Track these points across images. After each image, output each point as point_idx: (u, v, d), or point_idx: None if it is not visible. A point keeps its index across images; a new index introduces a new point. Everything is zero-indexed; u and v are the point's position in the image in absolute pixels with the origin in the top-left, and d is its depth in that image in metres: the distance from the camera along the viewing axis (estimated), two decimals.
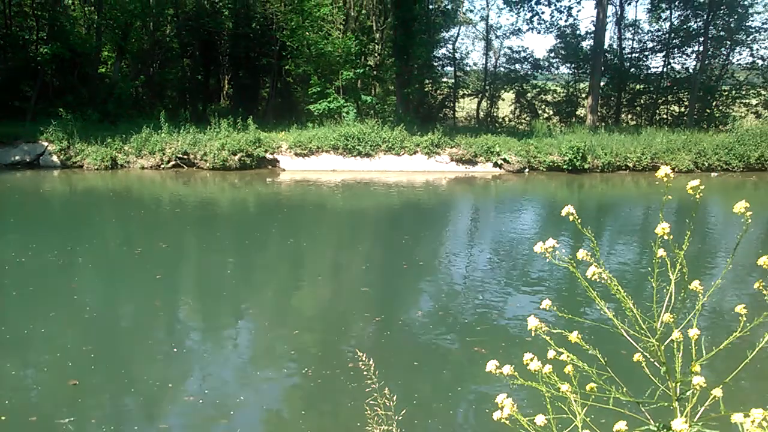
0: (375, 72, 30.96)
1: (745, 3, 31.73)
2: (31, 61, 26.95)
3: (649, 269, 1.81)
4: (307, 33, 27.90)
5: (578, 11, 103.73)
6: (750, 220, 1.80)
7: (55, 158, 21.83)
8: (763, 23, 33.27)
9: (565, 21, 34.42)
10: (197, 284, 11.05)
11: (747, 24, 32.05)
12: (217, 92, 33.18)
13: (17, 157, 21.81)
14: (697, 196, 1.81)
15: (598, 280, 1.95)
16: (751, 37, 32.40)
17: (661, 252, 1.92)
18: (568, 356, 2.04)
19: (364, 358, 4.74)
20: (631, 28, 34.88)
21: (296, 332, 8.69)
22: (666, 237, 1.85)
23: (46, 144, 22.01)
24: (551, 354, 2.03)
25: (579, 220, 2.05)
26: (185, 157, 22.43)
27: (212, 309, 9.74)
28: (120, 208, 17.07)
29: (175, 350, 7.95)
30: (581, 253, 2.02)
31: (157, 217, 16.40)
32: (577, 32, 34.60)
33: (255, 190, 20.27)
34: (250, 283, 11.08)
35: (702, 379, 1.78)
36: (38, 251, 12.03)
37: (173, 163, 22.31)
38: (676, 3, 32.95)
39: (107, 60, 30.71)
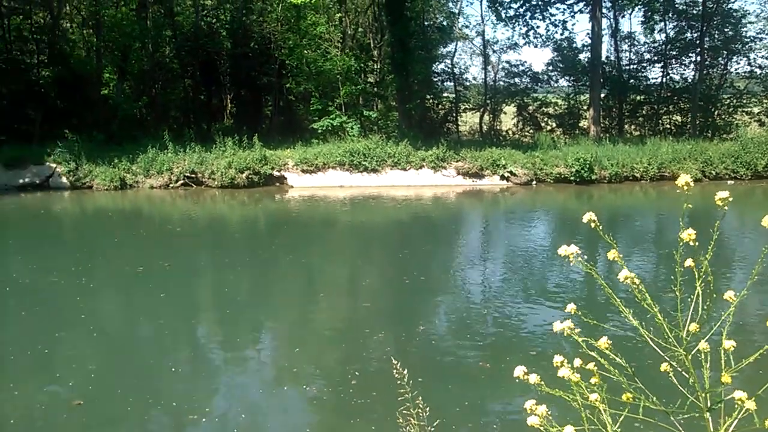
0: (375, 89, 31.09)
1: (738, 14, 32.11)
2: (34, 85, 26.98)
3: (672, 277, 1.83)
4: (305, 51, 28.05)
5: (573, 25, 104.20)
6: None
7: (64, 179, 21.81)
8: (757, 33, 33.66)
9: (561, 35, 34.56)
10: (201, 303, 11.01)
11: (742, 34, 32.38)
12: (220, 111, 33.19)
13: (27, 179, 21.81)
14: (725, 207, 1.81)
15: (629, 284, 1.91)
16: (747, 46, 32.73)
17: (689, 262, 1.89)
18: (597, 363, 2.02)
19: (398, 368, 4.66)
20: (627, 40, 35.15)
21: (297, 350, 8.71)
22: (692, 243, 1.83)
23: (54, 166, 22.00)
24: (577, 362, 2.00)
25: (600, 227, 2.03)
26: (193, 175, 22.41)
27: (216, 327, 9.74)
28: (128, 228, 17.09)
29: (173, 369, 7.90)
30: (612, 254, 2.00)
31: (165, 235, 16.35)
32: (574, 45, 34.87)
33: (263, 207, 20.28)
34: (254, 301, 11.03)
35: (744, 393, 1.76)
36: (45, 271, 12.09)
37: (182, 182, 22.29)
38: (670, 15, 33.27)
39: (109, 82, 30.70)
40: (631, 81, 34.14)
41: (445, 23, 35.02)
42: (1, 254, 13.81)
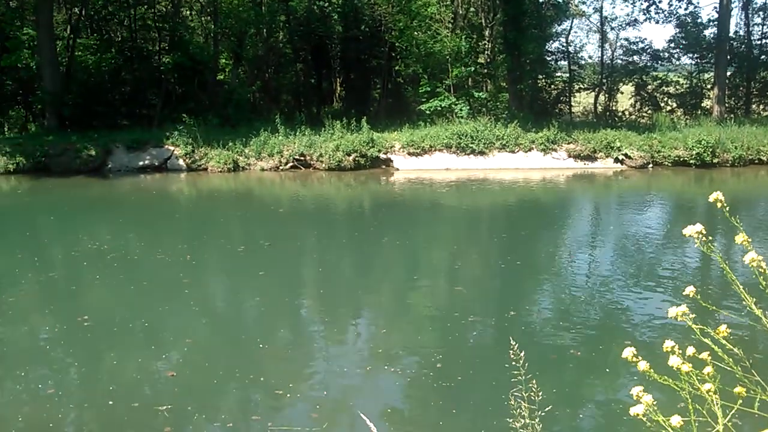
0: (486, 69, 30.52)
1: None
2: (155, 71, 28.31)
3: None
4: (415, 33, 27.86)
5: None
6: None
7: (181, 162, 22.81)
8: None
9: (685, 9, 32.61)
10: (296, 282, 11.12)
11: None
12: (329, 95, 33.67)
13: (146, 161, 22.96)
14: None
15: (755, 268, 1.83)
16: None
17: None
18: (711, 353, 1.93)
19: (516, 349, 4.50)
20: (760, 13, 32.70)
21: (384, 331, 8.74)
22: None
23: (172, 148, 23.04)
24: (690, 351, 1.91)
25: (727, 208, 1.98)
26: (302, 158, 22.86)
27: (309, 306, 9.89)
28: (235, 208, 17.83)
29: (262, 345, 8.04)
30: (740, 238, 1.92)
31: (270, 216, 16.80)
32: (699, 20, 32.70)
33: (367, 189, 20.41)
34: (347, 282, 11.11)
35: None
36: (153, 248, 12.80)
37: (291, 164, 22.80)
38: None
39: (225, 67, 31.76)
40: (763, 57, 31.76)
41: (561, 0, 33.86)
42: (114, 232, 14.57)
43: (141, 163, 22.93)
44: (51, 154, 22.50)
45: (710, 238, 1.95)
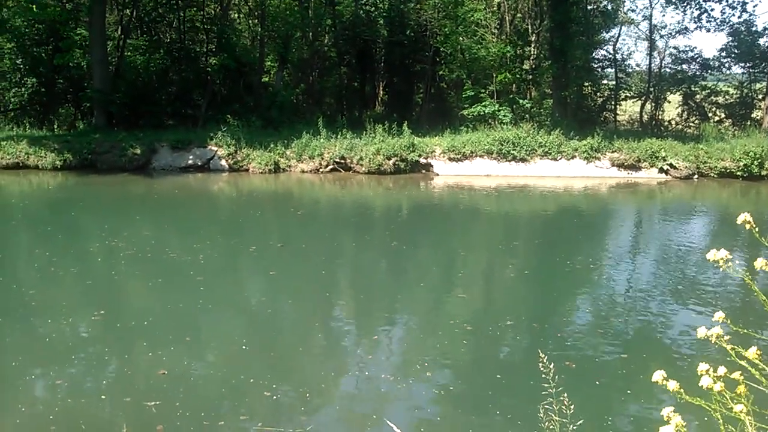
0: (530, 75, 30.26)
1: None
2: (202, 72, 28.74)
3: None
4: (460, 38, 27.78)
5: (754, 6, 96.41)
6: None
7: (223, 162, 23.12)
8: None
9: (739, 17, 31.78)
10: (304, 284, 10.95)
11: None
12: (372, 99, 33.77)
13: (190, 161, 23.33)
14: None
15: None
16: None
17: None
18: (744, 373, 1.89)
19: (545, 361, 4.49)
20: None
21: (375, 338, 8.64)
22: None
23: (215, 149, 23.36)
24: (722, 371, 1.86)
25: (756, 229, 1.92)
26: (342, 161, 22.98)
27: (312, 308, 9.81)
28: (273, 209, 17.96)
29: (245, 348, 8.07)
30: (760, 263, 1.90)
31: (294, 218, 16.85)
32: (753, 29, 31.87)
33: (407, 193, 20.33)
34: (353, 285, 11.10)
35: None
36: (165, 246, 12.88)
37: (331, 167, 22.93)
38: None
39: (270, 69, 32.12)
40: None
41: (609, 7, 33.38)
42: (139, 230, 14.59)
43: (184, 162, 23.32)
44: (98, 151, 23.01)
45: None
